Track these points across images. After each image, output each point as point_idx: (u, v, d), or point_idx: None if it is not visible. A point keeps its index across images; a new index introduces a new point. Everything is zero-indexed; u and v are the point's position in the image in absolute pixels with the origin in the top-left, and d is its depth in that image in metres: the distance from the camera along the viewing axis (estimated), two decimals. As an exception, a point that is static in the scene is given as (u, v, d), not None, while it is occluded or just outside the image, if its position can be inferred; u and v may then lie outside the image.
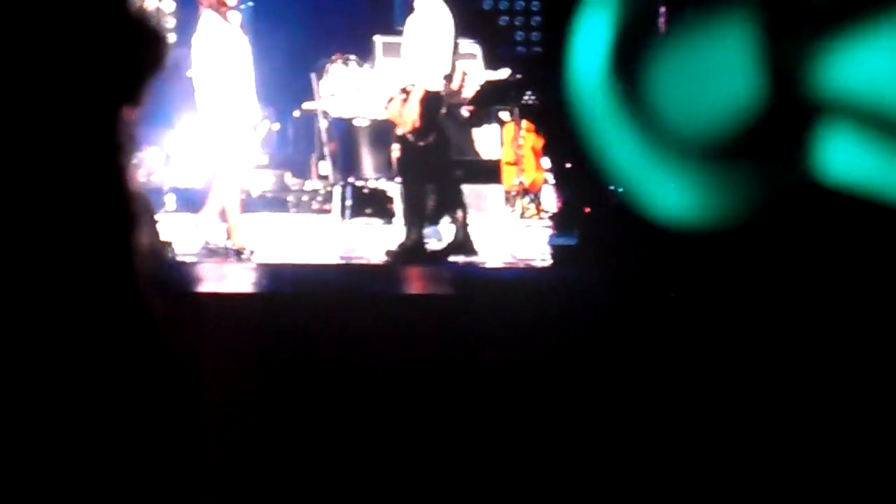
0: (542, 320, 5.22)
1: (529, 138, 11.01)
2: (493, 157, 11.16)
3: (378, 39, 11.47)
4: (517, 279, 7.63)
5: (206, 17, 8.28)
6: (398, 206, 9.37)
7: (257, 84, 8.47)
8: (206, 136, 8.31)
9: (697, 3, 4.74)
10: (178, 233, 8.36)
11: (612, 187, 8.90)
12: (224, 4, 8.26)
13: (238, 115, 8.30)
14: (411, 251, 8.43)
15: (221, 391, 3.71)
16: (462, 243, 8.47)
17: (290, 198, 10.77)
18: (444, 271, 7.96)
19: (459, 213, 8.49)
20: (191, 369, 1.63)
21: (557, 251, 8.20)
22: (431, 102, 8.28)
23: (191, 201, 9.41)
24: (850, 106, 4.22)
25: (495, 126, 11.44)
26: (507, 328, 5.16)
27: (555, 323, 5.20)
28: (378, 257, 8.76)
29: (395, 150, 8.69)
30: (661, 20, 5.03)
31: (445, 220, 8.79)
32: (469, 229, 8.53)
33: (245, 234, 8.43)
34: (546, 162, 11.07)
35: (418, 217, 8.47)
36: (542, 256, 8.79)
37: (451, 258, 8.48)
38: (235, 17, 8.70)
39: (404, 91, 8.37)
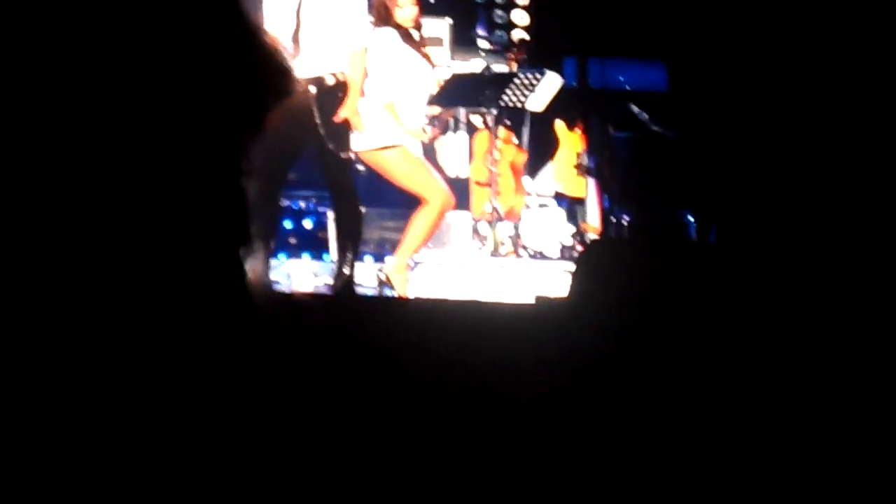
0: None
1: (508, 151, 10.18)
2: (460, 176, 10.58)
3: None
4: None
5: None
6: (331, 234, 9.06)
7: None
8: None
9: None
10: None
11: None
12: None
13: None
14: (344, 289, 8.07)
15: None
16: (347, 282, 8.10)
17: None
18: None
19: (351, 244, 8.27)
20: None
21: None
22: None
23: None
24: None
25: (463, 135, 11.01)
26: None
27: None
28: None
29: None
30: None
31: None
32: (356, 266, 8.27)
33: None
34: (528, 183, 10.49)
35: (352, 245, 8.22)
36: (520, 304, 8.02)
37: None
38: None
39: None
